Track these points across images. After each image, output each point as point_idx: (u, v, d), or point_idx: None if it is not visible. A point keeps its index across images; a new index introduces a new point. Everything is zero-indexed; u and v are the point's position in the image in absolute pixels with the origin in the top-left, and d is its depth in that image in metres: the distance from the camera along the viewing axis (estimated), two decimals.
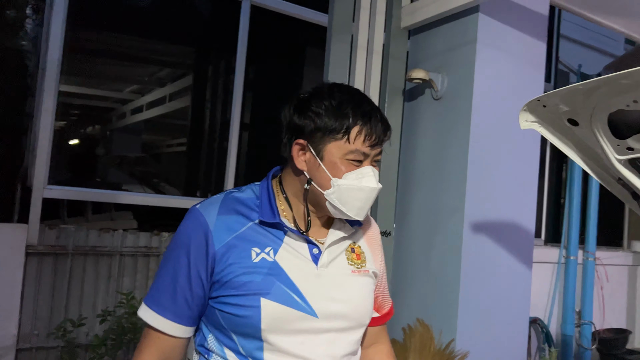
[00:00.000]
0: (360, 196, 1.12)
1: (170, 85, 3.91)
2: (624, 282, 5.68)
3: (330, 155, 1.11)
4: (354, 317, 1.18)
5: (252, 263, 1.10)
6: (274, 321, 1.08)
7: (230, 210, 1.14)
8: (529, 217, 2.69)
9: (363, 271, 1.22)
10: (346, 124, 1.10)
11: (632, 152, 1.45)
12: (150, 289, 1.15)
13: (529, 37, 2.69)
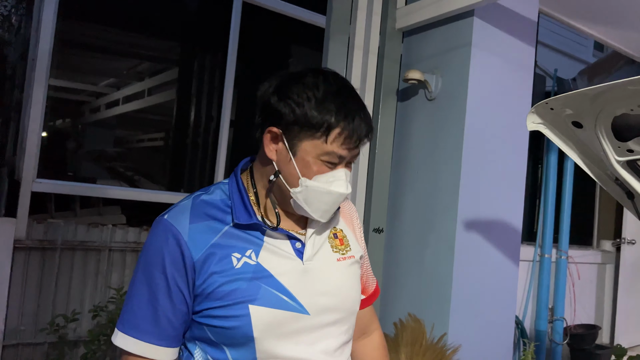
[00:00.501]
0: (327, 200, 1.06)
1: (149, 80, 3.87)
2: (594, 279, 5.90)
3: (304, 152, 1.03)
4: (344, 307, 1.13)
5: (234, 270, 1.02)
6: (266, 327, 1.02)
7: (202, 216, 1.05)
8: (517, 216, 2.79)
9: (348, 257, 1.16)
10: (327, 122, 1.01)
11: (631, 154, 1.54)
12: (124, 314, 1.04)
13: (519, 42, 2.78)
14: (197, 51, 3.85)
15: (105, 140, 3.78)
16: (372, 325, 1.36)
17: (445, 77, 2.69)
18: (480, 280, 2.63)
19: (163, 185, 3.67)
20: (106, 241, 3.07)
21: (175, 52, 3.95)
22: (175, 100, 3.85)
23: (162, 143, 3.89)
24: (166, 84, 3.89)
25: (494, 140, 2.69)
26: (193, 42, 3.83)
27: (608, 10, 3.72)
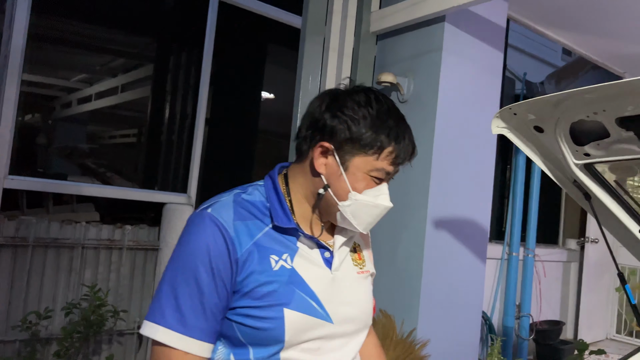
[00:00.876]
0: (374, 212, 1.11)
1: (123, 76, 3.85)
2: (559, 277, 6.10)
3: (355, 168, 1.07)
4: (362, 318, 1.17)
5: (272, 271, 1.03)
6: (296, 331, 1.03)
7: (244, 214, 1.06)
8: (485, 215, 2.89)
9: (365, 271, 1.21)
10: (380, 142, 1.06)
11: (588, 158, 1.63)
12: (165, 307, 0.99)
13: (489, 47, 2.88)
14: (173, 48, 3.85)
15: (78, 136, 3.75)
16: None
17: (417, 80, 2.76)
18: (449, 277, 2.72)
19: (136, 183, 3.67)
20: (79, 238, 3.06)
21: (151, 49, 3.94)
22: (150, 97, 3.84)
23: (136, 140, 3.88)
24: (140, 81, 3.88)
25: (463, 142, 2.78)
26: (169, 39, 3.83)
27: (575, 18, 3.86)
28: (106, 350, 3.10)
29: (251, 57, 4.11)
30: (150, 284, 3.34)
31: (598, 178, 1.71)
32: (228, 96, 4.00)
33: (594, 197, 1.76)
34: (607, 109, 1.42)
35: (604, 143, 1.55)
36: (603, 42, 4.33)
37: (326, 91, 1.14)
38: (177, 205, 3.38)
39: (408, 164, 1.14)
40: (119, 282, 3.21)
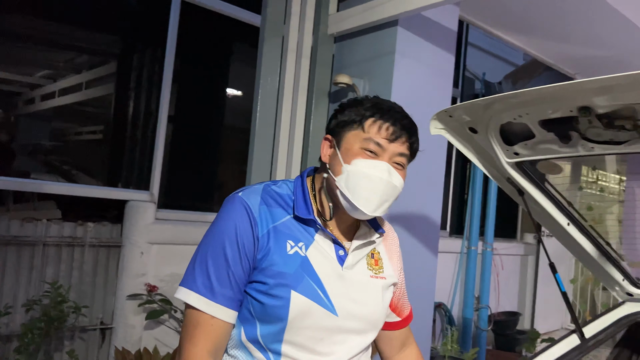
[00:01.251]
0: (368, 185, 1.13)
1: (86, 73, 3.85)
2: (517, 270, 6.34)
3: (347, 143, 1.17)
4: (370, 319, 1.22)
5: (287, 255, 1.13)
6: (299, 314, 1.11)
7: (270, 202, 1.18)
8: (436, 211, 3.03)
9: (380, 277, 1.26)
10: (362, 113, 1.17)
11: (517, 157, 1.77)
12: (197, 276, 1.12)
13: (440, 50, 3.01)
14: (136, 46, 3.87)
15: (41, 133, 3.74)
16: (408, 339, 1.48)
17: (372, 81, 2.88)
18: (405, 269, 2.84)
19: (100, 180, 3.68)
20: (41, 236, 3.07)
21: (114, 46, 3.95)
22: (114, 94, 3.85)
23: (99, 137, 3.88)
24: (104, 78, 3.88)
25: None
26: (132, 37, 3.85)
27: (527, 21, 4.04)
28: (68, 346, 3.13)
29: (216, 55, 4.15)
30: (112, 281, 3.38)
31: (529, 175, 1.85)
32: (193, 94, 4.04)
33: (527, 193, 1.90)
34: (530, 112, 1.55)
35: (530, 143, 1.69)
36: (555, 45, 4.54)
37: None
38: (140, 203, 3.43)
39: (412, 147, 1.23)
40: (82, 279, 3.24)
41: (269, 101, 2.86)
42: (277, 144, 2.88)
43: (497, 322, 5.66)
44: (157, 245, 3.43)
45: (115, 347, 3.01)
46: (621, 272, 2.15)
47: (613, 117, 1.42)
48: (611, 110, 1.41)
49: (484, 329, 5.45)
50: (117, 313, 3.33)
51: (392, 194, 1.18)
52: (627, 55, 4.30)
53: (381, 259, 1.30)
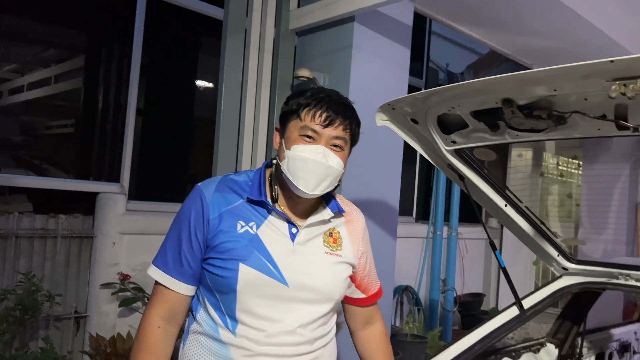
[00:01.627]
0: (304, 166, 1.26)
1: (55, 67, 3.89)
2: (481, 253, 6.59)
3: (288, 132, 1.31)
4: (323, 291, 1.33)
5: (236, 233, 1.28)
6: (247, 284, 1.25)
7: (225, 188, 1.33)
8: (394, 196, 3.20)
9: (336, 254, 1.37)
10: (299, 103, 1.29)
11: (455, 144, 1.94)
12: (158, 254, 1.34)
13: (396, 44, 3.17)
14: (104, 40, 3.92)
15: (10, 127, 3.78)
16: (374, 317, 1.59)
17: (331, 75, 3.03)
18: None
19: (71, 173, 3.75)
20: (12, 229, 3.16)
21: (82, 40, 3.99)
22: (82, 88, 3.89)
23: (71, 130, 3.93)
24: (73, 72, 3.93)
25: (374, 131, 3.05)
26: (100, 31, 3.90)
27: (483, 15, 4.22)
28: (43, 334, 3.23)
29: (183, 48, 4.23)
30: (85, 271, 3.48)
31: (467, 161, 2.02)
32: (161, 86, 4.12)
33: (466, 178, 2.08)
34: (461, 104, 1.71)
35: (465, 132, 1.85)
36: (512, 37, 4.74)
37: None
38: (111, 195, 3.52)
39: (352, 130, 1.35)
40: (55, 270, 3.33)
41: (233, 94, 2.99)
42: (241, 135, 3.01)
43: (462, 303, 5.91)
44: (128, 235, 3.53)
45: (90, 334, 3.12)
46: (556, 249, 2.35)
47: (532, 108, 1.59)
48: (530, 102, 1.59)
49: (450, 309, 5.69)
50: (90, 302, 3.44)
51: (329, 174, 1.29)
52: (577, 46, 4.53)
53: (341, 239, 1.40)
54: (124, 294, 3.43)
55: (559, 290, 2.36)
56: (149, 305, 1.34)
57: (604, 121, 1.48)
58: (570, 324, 2.72)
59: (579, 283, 2.33)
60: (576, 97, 1.50)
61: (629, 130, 1.42)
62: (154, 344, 1.30)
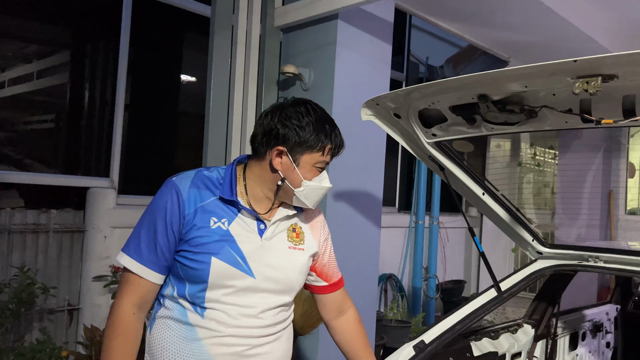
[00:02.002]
0: (320, 193, 1.46)
1: (38, 62, 3.90)
2: (462, 241, 6.79)
3: (304, 163, 1.41)
4: (285, 282, 1.46)
5: (209, 228, 1.37)
6: (218, 275, 1.36)
7: (199, 185, 1.41)
8: (378, 187, 3.33)
9: (298, 248, 1.50)
10: (322, 141, 1.40)
11: (435, 137, 2.07)
12: (131, 243, 1.39)
13: (378, 40, 3.29)
14: (89, 35, 3.95)
15: None
16: (345, 304, 1.69)
17: (316, 70, 3.13)
18: (349, 241, 3.14)
19: (56, 169, 3.78)
20: (5, 224, 3.21)
21: (66, 36, 4.00)
22: (68, 83, 3.91)
23: (54, 126, 3.95)
24: (58, 67, 3.94)
25: (358, 124, 3.17)
26: (85, 27, 3.92)
27: (460, 9, 4.35)
28: (37, 327, 3.30)
29: (168, 44, 4.28)
30: (77, 265, 3.55)
31: (446, 153, 2.15)
32: (147, 82, 4.18)
33: (446, 168, 2.21)
34: (440, 100, 1.84)
35: (444, 125, 1.98)
36: (489, 32, 4.89)
37: (274, 105, 1.47)
38: (101, 189, 3.59)
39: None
40: (47, 264, 3.39)
41: (221, 89, 3.07)
42: (230, 129, 3.11)
43: (444, 290, 6.10)
44: (119, 229, 3.61)
45: (84, 325, 3.20)
46: (531, 234, 2.50)
47: (505, 103, 1.72)
48: (503, 97, 1.72)
49: (432, 296, 5.87)
50: (83, 294, 3.51)
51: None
52: (551, 40, 4.69)
53: (303, 233, 1.54)
54: (115, 287, 3.51)
55: (534, 273, 2.51)
56: (121, 293, 1.39)
57: (570, 115, 1.62)
58: (545, 306, 2.87)
59: (552, 266, 2.48)
60: (545, 93, 1.63)
61: (592, 123, 1.56)
62: (129, 329, 1.38)
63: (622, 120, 1.49)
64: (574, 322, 3.16)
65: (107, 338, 1.38)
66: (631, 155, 6.32)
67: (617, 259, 2.37)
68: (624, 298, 3.57)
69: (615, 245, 2.49)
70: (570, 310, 3.21)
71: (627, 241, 6.11)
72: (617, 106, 1.53)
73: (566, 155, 6.24)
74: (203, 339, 1.38)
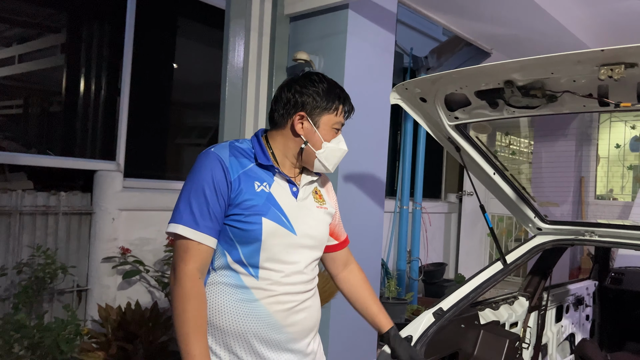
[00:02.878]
0: (337, 155, 1.60)
1: (23, 45, 3.87)
2: (442, 226, 7.07)
3: (324, 124, 1.55)
4: (318, 237, 1.61)
5: (255, 192, 1.49)
6: (269, 234, 1.48)
7: (237, 154, 1.53)
8: (382, 172, 3.50)
9: (323, 208, 1.66)
10: (337, 102, 1.55)
11: (457, 120, 2.25)
12: (183, 212, 1.45)
13: (383, 30, 3.44)
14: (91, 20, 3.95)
15: None
16: (349, 260, 1.86)
17: (326, 57, 3.26)
18: (356, 222, 3.30)
19: (64, 151, 3.77)
20: (16, 206, 3.23)
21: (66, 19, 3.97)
22: (65, 67, 3.88)
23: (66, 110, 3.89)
24: (47, 50, 3.91)
25: (365, 110, 3.33)
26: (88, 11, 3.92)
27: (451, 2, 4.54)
28: (47, 307, 3.35)
29: (166, 30, 4.32)
30: (85, 247, 3.60)
31: (465, 135, 2.34)
32: (144, 67, 4.20)
33: (462, 149, 2.40)
34: (468, 85, 2.02)
35: (467, 109, 2.16)
36: (473, 24, 5.10)
37: (287, 80, 1.62)
38: (108, 172, 3.64)
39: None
40: (56, 245, 3.43)
41: (235, 74, 3.17)
42: (243, 113, 3.21)
43: (426, 273, 6.36)
44: (126, 211, 3.67)
45: (99, 305, 3.27)
46: (533, 211, 2.72)
47: (528, 88, 1.92)
48: (527, 83, 1.90)
49: (415, 278, 6.12)
50: (91, 275, 3.57)
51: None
52: (533, 33, 4.94)
53: (322, 195, 1.70)
54: (123, 267, 3.58)
55: (535, 247, 2.73)
56: (182, 261, 1.45)
57: (589, 99, 1.82)
58: (538, 280, 3.12)
59: (552, 240, 2.72)
60: (566, 80, 1.83)
61: (609, 106, 1.77)
62: (200, 293, 1.46)
63: (638, 104, 1.70)
64: (560, 295, 3.42)
65: (179, 304, 1.44)
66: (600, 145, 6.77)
67: (610, 233, 2.63)
68: (601, 274, 3.86)
69: (608, 221, 2.74)
70: (558, 284, 3.47)
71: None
72: (631, 91, 1.73)
73: (541, 143, 6.58)
74: (260, 299, 1.49)
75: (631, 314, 3.65)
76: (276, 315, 1.51)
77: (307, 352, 1.62)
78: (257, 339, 1.51)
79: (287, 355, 1.56)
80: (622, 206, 6.52)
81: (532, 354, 2.98)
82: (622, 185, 6.75)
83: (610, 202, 6.78)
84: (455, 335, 2.40)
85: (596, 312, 3.84)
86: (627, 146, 6.75)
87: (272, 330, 1.51)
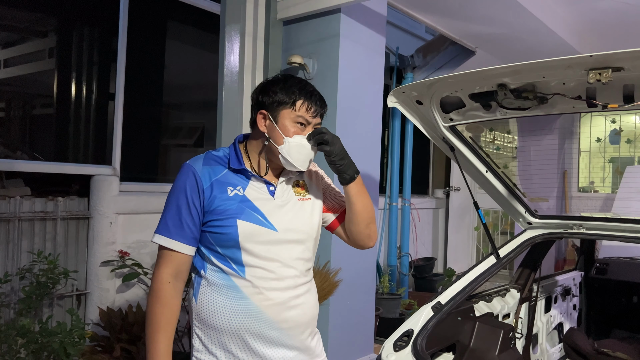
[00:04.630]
0: (303, 151, 1.57)
1: (14, 49, 3.87)
2: (430, 221, 7.20)
3: (282, 119, 1.55)
4: (303, 230, 1.64)
5: (228, 196, 1.55)
6: (246, 235, 1.53)
7: (210, 162, 1.59)
8: (376, 169, 3.60)
9: (306, 199, 1.69)
10: (293, 97, 1.54)
11: (452, 121, 2.34)
12: (160, 224, 1.56)
13: (374, 33, 3.53)
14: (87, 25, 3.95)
15: None
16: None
17: (320, 61, 3.34)
18: None
19: (61, 157, 3.76)
20: (15, 212, 3.25)
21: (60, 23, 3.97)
22: (55, 70, 3.88)
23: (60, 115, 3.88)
24: (36, 54, 3.91)
25: (358, 109, 3.43)
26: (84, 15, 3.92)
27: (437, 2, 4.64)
28: (48, 312, 3.37)
29: (157, 34, 4.34)
30: (84, 251, 3.62)
31: (459, 135, 2.43)
32: (137, 71, 4.23)
33: (456, 148, 2.49)
34: (463, 88, 2.11)
35: (462, 111, 2.26)
36: (458, 23, 5.20)
37: (258, 84, 1.67)
38: (104, 177, 3.67)
39: (323, 116, 1.64)
40: (55, 250, 3.46)
41: (231, 79, 3.24)
42: (241, 116, 3.28)
43: (416, 267, 6.47)
44: (123, 215, 3.71)
45: (100, 308, 3.30)
46: (523, 206, 2.84)
47: (521, 91, 2.01)
48: (519, 86, 2.00)
49: (405, 273, 6.23)
50: (90, 279, 3.60)
51: (314, 154, 1.63)
52: (517, 32, 5.07)
53: (306, 185, 1.72)
54: (121, 271, 3.62)
55: (526, 241, 2.85)
56: (157, 267, 1.56)
57: (578, 100, 1.92)
58: (528, 272, 3.24)
59: (542, 234, 2.83)
60: (556, 82, 1.93)
61: (597, 107, 1.87)
62: (165, 296, 1.54)
63: (624, 105, 1.81)
64: (548, 286, 3.55)
65: (149, 305, 1.55)
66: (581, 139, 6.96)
67: (597, 226, 2.75)
68: (587, 265, 4.00)
69: (594, 214, 2.87)
70: (546, 276, 3.60)
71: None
72: (618, 93, 1.84)
73: (526, 139, 6.74)
74: (250, 296, 1.55)
75: (616, 303, 3.80)
76: (267, 311, 1.56)
77: (304, 348, 1.66)
78: (251, 335, 1.56)
79: (283, 351, 1.60)
80: (604, 198, 6.72)
81: (524, 344, 3.10)
82: (603, 177, 6.96)
83: (592, 194, 6.99)
84: (452, 327, 2.50)
85: (583, 302, 3.98)
86: (607, 139, 6.96)
87: (265, 327, 1.56)
